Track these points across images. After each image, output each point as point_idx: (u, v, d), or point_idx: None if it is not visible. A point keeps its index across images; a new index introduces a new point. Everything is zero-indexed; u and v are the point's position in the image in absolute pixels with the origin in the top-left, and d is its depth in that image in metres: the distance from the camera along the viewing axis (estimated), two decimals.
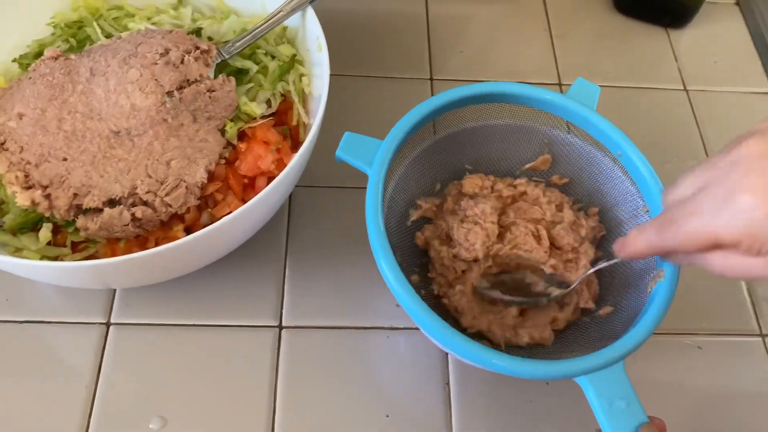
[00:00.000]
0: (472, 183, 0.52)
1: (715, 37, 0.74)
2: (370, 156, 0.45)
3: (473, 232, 0.49)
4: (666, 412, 0.50)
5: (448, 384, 0.50)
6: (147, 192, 0.45)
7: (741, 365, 0.53)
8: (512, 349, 0.46)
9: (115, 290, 0.52)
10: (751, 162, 0.30)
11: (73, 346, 0.50)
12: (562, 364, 0.39)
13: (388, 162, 0.45)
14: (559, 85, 0.68)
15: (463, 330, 0.47)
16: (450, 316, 0.48)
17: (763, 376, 0.53)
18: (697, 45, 0.73)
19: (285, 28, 0.55)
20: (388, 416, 0.49)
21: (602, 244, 0.52)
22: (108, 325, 0.51)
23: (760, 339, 0.55)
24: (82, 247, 0.47)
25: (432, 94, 0.66)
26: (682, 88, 0.70)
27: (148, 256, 0.41)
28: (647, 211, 0.47)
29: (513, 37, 0.72)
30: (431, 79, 0.67)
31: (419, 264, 0.51)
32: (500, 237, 0.50)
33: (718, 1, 0.77)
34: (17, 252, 0.47)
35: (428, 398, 0.50)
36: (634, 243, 0.38)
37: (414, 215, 0.51)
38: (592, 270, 0.47)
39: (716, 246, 0.32)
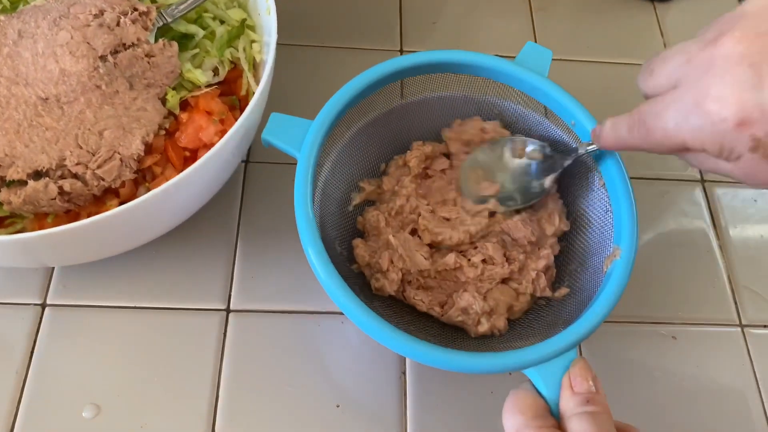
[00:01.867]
0: (417, 153, 0.49)
1: (703, 10, 0.70)
2: (299, 138, 0.42)
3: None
4: (638, 403, 0.47)
5: (404, 373, 0.47)
6: (77, 164, 0.42)
7: (717, 357, 0.50)
8: (463, 337, 0.43)
9: (52, 270, 0.49)
10: (725, 65, 0.28)
11: (5, 329, 0.47)
12: (507, 357, 0.36)
13: (319, 144, 0.41)
14: None
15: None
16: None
17: (739, 368, 0.50)
18: (685, 19, 0.69)
19: None
20: (338, 406, 0.46)
21: (564, 237, 0.48)
22: (43, 306, 0.48)
23: (738, 329, 0.51)
24: (9, 223, 0.44)
25: None
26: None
27: (75, 229, 0.38)
28: (603, 185, 0.44)
29: (490, 8, 0.68)
30: (401, 51, 0.64)
31: None
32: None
33: None
34: None
35: (382, 388, 0.47)
36: (607, 138, 0.37)
37: (357, 199, 0.48)
38: (574, 155, 0.44)
39: (685, 149, 0.32)
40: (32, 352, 0.46)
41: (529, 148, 0.47)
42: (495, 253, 0.44)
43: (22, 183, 0.42)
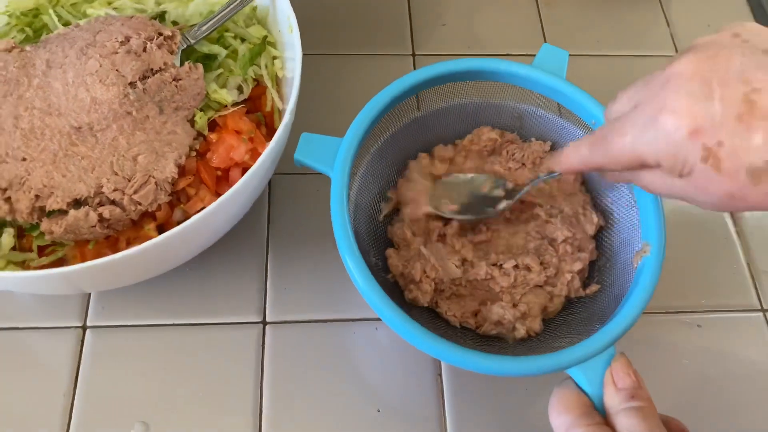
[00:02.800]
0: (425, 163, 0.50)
1: (708, 1, 0.71)
2: (330, 156, 0.42)
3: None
4: (666, 393, 0.48)
5: (440, 375, 0.49)
6: (114, 190, 0.43)
7: (742, 342, 0.52)
8: (500, 339, 0.45)
9: (89, 293, 0.50)
10: (679, 81, 0.30)
11: (48, 352, 0.48)
12: (549, 359, 0.37)
13: (350, 161, 0.42)
14: None
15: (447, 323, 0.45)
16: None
17: (763, 351, 0.51)
18: (690, 8, 0.70)
19: (255, 8, 0.52)
20: (379, 411, 0.47)
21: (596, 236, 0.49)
22: (84, 328, 0.49)
23: (761, 314, 0.53)
24: (50, 251, 0.45)
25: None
26: (675, 54, 0.67)
27: (119, 259, 0.38)
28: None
29: (498, 6, 0.69)
30: (413, 55, 0.64)
31: None
32: None
33: None
34: None
35: (420, 391, 0.48)
36: (568, 158, 0.38)
37: (385, 209, 0.49)
38: (531, 184, 0.46)
39: (642, 165, 0.33)
40: (77, 374, 0.47)
41: (496, 188, 0.48)
42: (532, 262, 0.45)
43: (62, 212, 0.43)
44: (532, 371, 0.37)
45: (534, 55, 0.65)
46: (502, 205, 0.47)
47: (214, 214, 0.40)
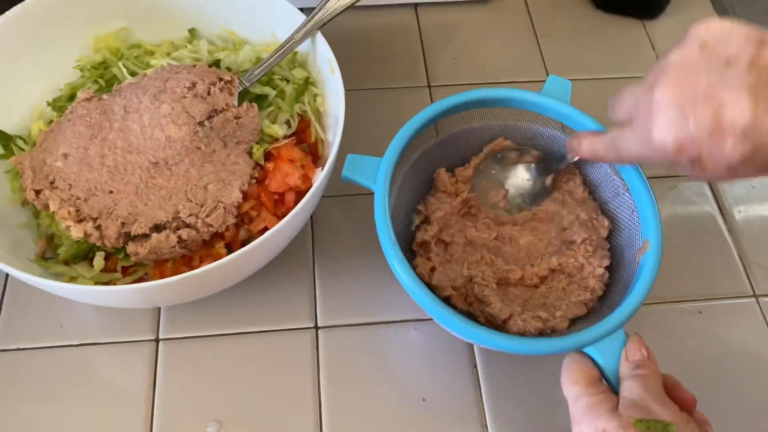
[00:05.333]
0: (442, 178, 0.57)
1: (688, 24, 0.78)
2: (372, 173, 0.50)
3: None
4: (676, 371, 0.54)
5: (475, 366, 0.55)
6: (189, 215, 0.49)
7: (738, 325, 0.58)
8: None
9: (159, 309, 0.56)
10: (659, 110, 0.37)
11: (129, 363, 0.54)
12: (570, 339, 0.44)
13: (390, 176, 0.49)
14: None
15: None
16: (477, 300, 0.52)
17: (758, 333, 0.58)
18: (672, 33, 0.78)
19: (296, 53, 0.59)
20: (424, 400, 0.53)
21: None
22: (157, 341, 0.55)
23: (753, 299, 0.60)
24: (132, 271, 0.51)
25: (431, 100, 0.71)
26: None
27: (201, 274, 0.45)
28: (627, 190, 0.53)
29: (500, 39, 0.77)
30: (429, 86, 0.72)
31: None
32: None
33: None
34: (72, 280, 0.51)
35: (459, 380, 0.54)
36: (587, 149, 0.49)
37: (417, 220, 0.55)
38: (564, 162, 0.54)
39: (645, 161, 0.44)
40: (155, 382, 0.53)
41: (523, 155, 0.57)
42: (568, 259, 0.52)
43: (145, 236, 0.49)
44: (557, 350, 0.44)
45: (535, 82, 0.73)
46: (548, 180, 0.56)
47: (281, 231, 0.47)
